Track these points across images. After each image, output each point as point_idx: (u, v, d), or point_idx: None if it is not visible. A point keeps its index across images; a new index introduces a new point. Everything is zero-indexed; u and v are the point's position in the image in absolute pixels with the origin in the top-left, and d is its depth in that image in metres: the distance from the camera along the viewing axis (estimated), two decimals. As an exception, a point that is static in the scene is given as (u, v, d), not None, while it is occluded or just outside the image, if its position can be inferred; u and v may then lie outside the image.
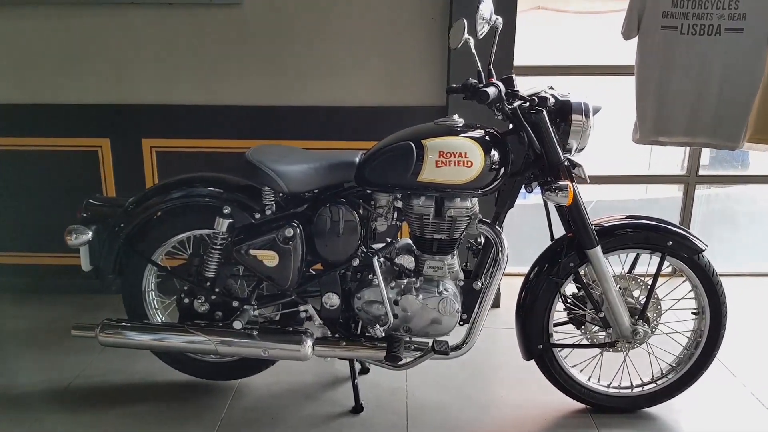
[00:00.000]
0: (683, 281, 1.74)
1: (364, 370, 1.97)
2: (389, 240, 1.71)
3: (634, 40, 2.27)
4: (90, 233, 1.68)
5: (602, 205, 2.86)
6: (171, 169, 2.38)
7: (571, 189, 1.54)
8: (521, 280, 1.76)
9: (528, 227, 2.20)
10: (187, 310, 1.73)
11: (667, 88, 2.25)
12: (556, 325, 1.76)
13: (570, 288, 1.76)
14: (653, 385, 1.80)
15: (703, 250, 1.66)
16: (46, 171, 2.43)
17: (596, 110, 1.62)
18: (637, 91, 2.30)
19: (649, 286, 1.70)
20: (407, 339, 1.69)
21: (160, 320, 1.86)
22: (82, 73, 2.34)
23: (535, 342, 1.72)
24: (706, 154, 2.63)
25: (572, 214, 1.63)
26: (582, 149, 1.64)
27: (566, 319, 1.79)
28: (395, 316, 1.65)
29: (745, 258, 3.13)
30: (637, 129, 2.35)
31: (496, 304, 2.42)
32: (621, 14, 2.29)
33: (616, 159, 2.96)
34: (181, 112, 2.36)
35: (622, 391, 1.80)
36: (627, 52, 2.33)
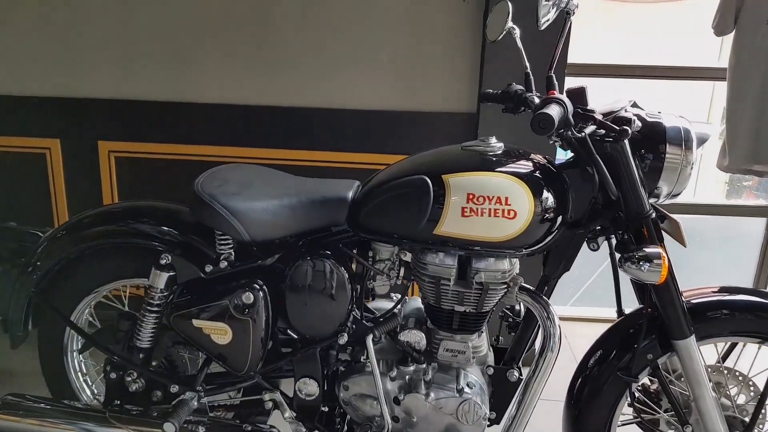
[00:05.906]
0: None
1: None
2: (392, 308, 1.24)
3: (729, 37, 1.77)
4: (-11, 276, 1.26)
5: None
6: (133, 178, 2.01)
7: (666, 261, 1.04)
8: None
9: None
10: (116, 387, 1.29)
11: (772, 102, 1.73)
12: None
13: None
14: None
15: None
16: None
17: (702, 140, 1.12)
18: (729, 104, 1.82)
19: (757, 389, 1.20)
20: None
21: (87, 389, 1.42)
22: (26, 60, 1.95)
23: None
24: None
25: (659, 293, 1.13)
26: (677, 195, 1.14)
27: (631, 419, 1.31)
28: (395, 419, 1.19)
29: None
30: (725, 153, 1.84)
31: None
32: (709, 2, 1.78)
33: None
34: (146, 110, 1.97)
35: None
36: (710, 52, 1.83)
